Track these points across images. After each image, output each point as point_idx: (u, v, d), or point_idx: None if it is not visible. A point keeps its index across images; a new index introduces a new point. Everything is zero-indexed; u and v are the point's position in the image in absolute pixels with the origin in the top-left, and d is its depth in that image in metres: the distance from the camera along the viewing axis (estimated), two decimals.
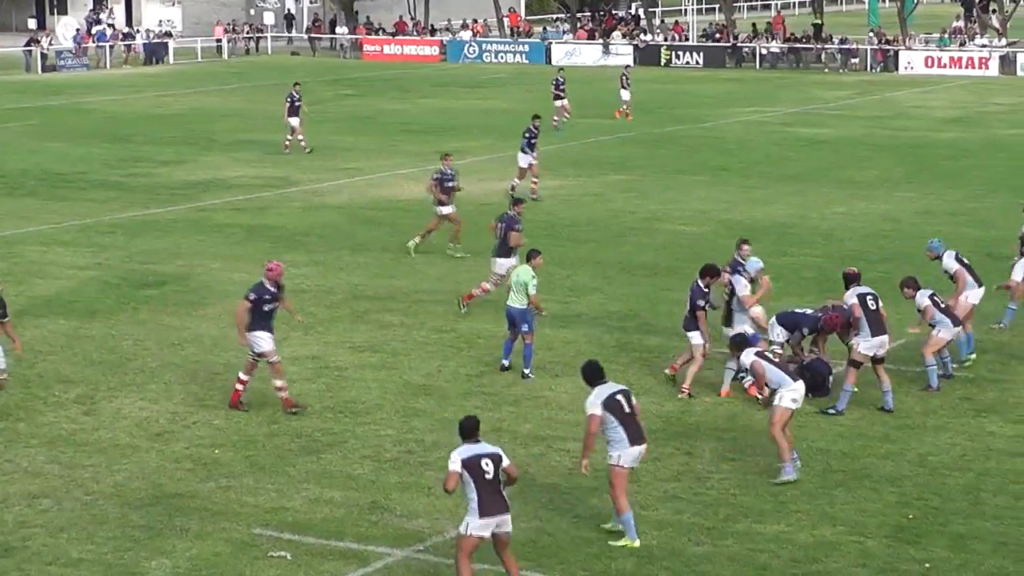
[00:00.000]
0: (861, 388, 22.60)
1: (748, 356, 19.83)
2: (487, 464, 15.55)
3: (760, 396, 21.59)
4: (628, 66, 72.66)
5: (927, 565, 16.90)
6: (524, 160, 39.97)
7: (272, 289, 21.84)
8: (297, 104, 49.38)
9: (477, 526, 15.52)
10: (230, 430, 21.37)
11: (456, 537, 15.88)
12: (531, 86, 54.30)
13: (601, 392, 17.34)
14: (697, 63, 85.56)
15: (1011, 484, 19.40)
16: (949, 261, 24.83)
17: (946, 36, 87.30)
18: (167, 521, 18.04)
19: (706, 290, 22.79)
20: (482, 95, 70.15)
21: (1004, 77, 78.77)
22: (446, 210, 32.91)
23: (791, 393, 19.28)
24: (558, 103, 55.26)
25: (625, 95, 59.45)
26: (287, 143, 49.68)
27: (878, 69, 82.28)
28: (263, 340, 21.71)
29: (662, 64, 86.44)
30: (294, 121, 49.41)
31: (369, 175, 45.23)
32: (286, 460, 20.19)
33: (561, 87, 55.46)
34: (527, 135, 39.95)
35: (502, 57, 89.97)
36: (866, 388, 22.67)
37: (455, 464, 15.52)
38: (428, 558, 17.11)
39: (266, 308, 21.74)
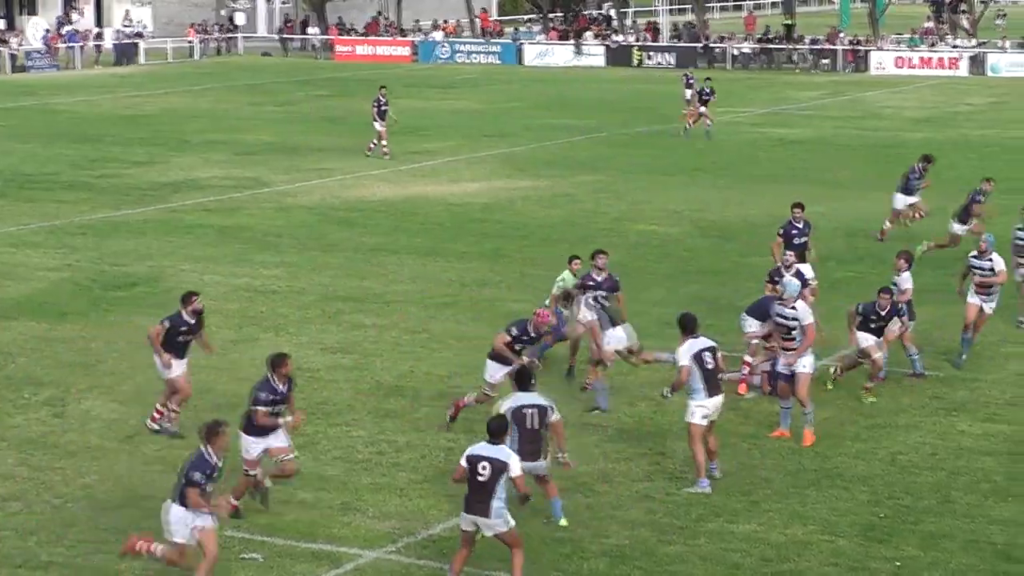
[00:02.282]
0: (835, 388, 22.74)
1: (684, 357, 19.04)
2: (483, 468, 15.78)
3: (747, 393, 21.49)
4: (689, 67, 72.51)
5: (898, 564, 16.95)
6: (900, 201, 35.28)
7: (533, 335, 20.85)
8: (384, 108, 48.60)
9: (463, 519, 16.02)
10: None
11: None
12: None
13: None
14: (669, 64, 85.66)
15: (981, 483, 19.47)
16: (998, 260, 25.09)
17: (916, 37, 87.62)
18: (137, 523, 17.92)
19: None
20: (454, 95, 70.18)
21: (974, 77, 79.13)
22: (960, 228, 31.87)
23: (701, 409, 18.92)
24: (703, 108, 54.30)
25: (689, 94, 58.76)
26: (371, 147, 48.94)
27: (849, 69, 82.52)
28: (498, 372, 21.01)
29: (634, 64, 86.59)
30: (378, 125, 48.60)
31: (341, 176, 45.16)
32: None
33: (707, 95, 54.23)
34: (911, 176, 35.42)
35: (474, 58, 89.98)
36: (836, 388, 22.76)
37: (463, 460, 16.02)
38: (400, 559, 17.08)
39: (517, 347, 20.83)
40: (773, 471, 19.67)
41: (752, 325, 22.94)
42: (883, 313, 22.61)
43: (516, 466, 15.86)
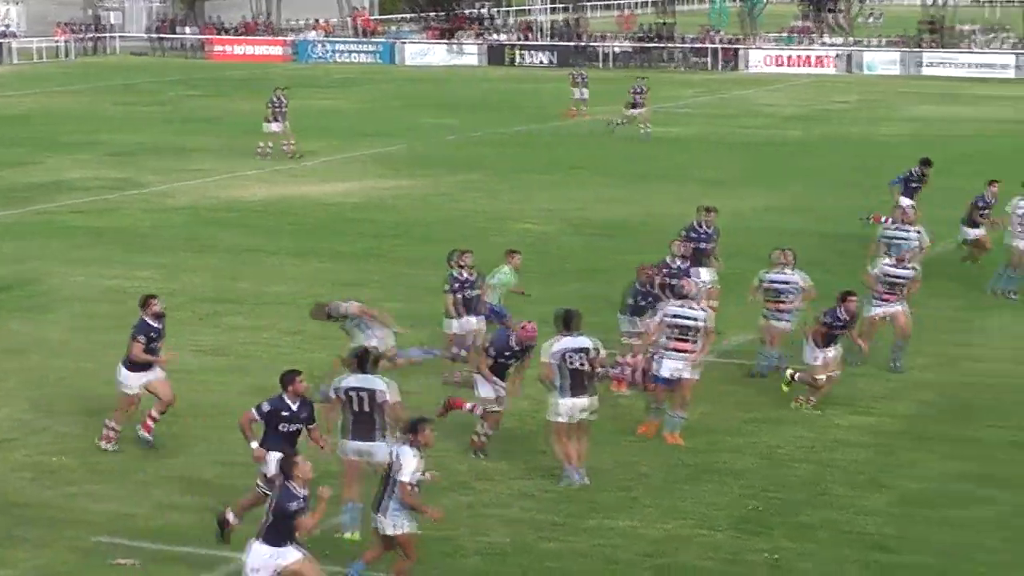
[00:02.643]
0: (711, 384, 22.81)
1: (546, 355, 19.04)
2: (389, 464, 15.72)
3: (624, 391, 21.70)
4: (576, 65, 72.73)
5: (775, 556, 17.07)
6: (905, 203, 32.38)
7: (516, 348, 20.09)
8: (284, 110, 47.77)
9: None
10: (75, 437, 20.94)
11: None
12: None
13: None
14: (551, 62, 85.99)
15: (854, 475, 19.71)
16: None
17: (791, 35, 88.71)
18: (7, 531, 17.62)
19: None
20: (331, 95, 69.90)
21: (846, 75, 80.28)
22: (975, 233, 30.88)
23: (557, 407, 18.97)
24: (633, 111, 53.70)
25: (578, 93, 58.77)
26: (286, 148, 48.02)
27: (725, 68, 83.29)
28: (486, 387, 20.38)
29: (512, 63, 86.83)
30: (274, 127, 47.79)
31: (216, 176, 44.80)
32: (133, 466, 19.85)
33: (639, 93, 53.77)
34: (912, 181, 33.18)
35: (351, 57, 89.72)
36: (715, 383, 22.85)
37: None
38: None
39: (500, 361, 20.20)
40: (651, 467, 19.76)
41: (627, 324, 23.07)
42: (848, 319, 22.37)
43: (407, 472, 15.45)
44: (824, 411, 22.30)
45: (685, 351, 20.67)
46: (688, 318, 20.73)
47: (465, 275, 23.28)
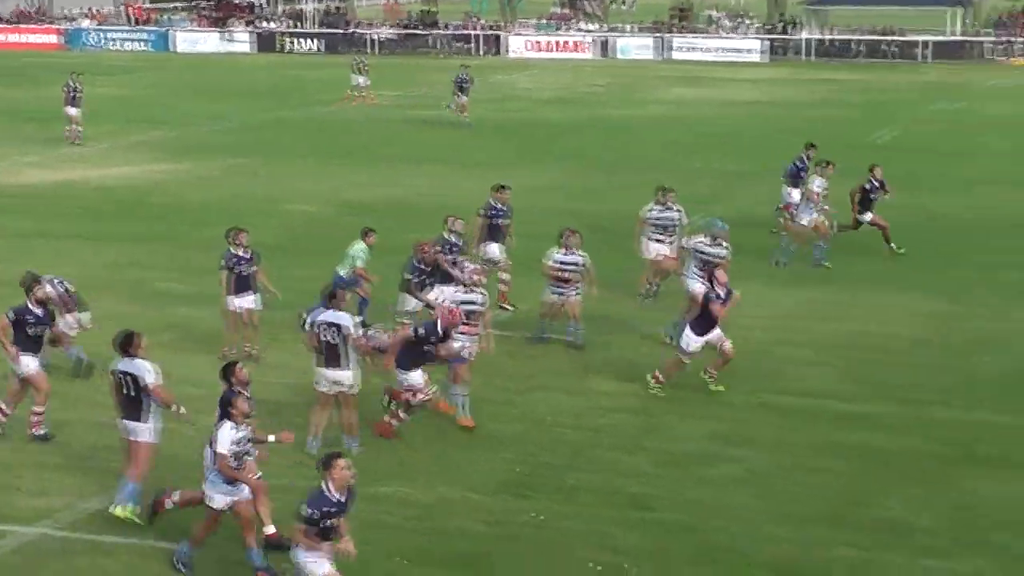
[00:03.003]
0: (486, 356, 23.40)
1: (304, 322, 20.04)
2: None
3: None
4: (360, 51, 72.97)
5: (541, 517, 17.80)
6: (793, 195, 32.65)
7: (441, 333, 20.40)
8: (79, 95, 48.16)
9: None
10: None
11: None
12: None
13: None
14: (319, 49, 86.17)
15: (617, 439, 20.57)
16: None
17: (548, 22, 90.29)
18: None
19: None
20: (104, 83, 69.08)
21: (602, 60, 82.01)
22: (869, 216, 31.44)
23: (314, 373, 19.83)
24: (464, 98, 53.71)
25: (356, 79, 59.47)
26: (67, 133, 48.48)
27: (487, 53, 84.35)
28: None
29: (281, 50, 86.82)
30: (71, 110, 48.18)
31: None
32: None
33: (464, 84, 53.83)
34: (798, 166, 33.11)
35: (124, 45, 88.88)
36: (490, 355, 23.54)
37: None
38: (56, 534, 17.22)
39: (425, 348, 20.35)
40: (423, 436, 20.34)
41: (410, 303, 23.79)
42: (726, 293, 22.40)
43: (222, 443, 15.98)
44: (591, 378, 23.11)
45: (469, 333, 21.43)
46: (471, 303, 21.52)
47: (240, 253, 23.85)
